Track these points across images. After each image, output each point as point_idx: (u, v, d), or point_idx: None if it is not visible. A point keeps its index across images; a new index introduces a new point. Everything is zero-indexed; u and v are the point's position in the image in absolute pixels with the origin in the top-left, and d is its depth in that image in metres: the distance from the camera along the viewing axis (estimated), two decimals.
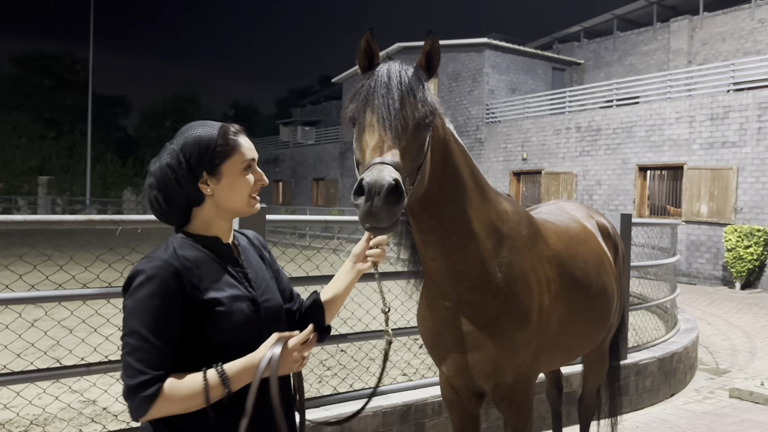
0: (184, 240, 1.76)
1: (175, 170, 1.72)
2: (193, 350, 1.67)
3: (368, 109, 1.88)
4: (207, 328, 1.67)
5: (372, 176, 1.70)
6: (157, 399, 1.56)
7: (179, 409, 1.60)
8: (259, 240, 2.01)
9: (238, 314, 1.71)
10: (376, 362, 5.91)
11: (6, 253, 3.90)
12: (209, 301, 1.68)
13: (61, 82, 51.06)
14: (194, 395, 1.59)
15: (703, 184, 16.77)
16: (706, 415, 5.50)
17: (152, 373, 1.57)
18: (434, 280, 2.38)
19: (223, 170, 1.75)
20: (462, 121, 25.95)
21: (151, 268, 1.63)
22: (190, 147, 1.74)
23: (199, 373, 1.61)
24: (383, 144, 1.81)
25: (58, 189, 39.39)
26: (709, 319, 11.11)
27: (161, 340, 1.59)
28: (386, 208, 1.68)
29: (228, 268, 1.77)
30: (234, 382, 1.62)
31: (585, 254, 2.96)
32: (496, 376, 2.44)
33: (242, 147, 1.78)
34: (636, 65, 26.61)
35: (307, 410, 3.84)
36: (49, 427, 4.55)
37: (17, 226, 3.24)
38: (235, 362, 1.63)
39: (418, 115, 1.88)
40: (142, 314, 1.59)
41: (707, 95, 17.30)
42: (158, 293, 1.60)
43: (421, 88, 1.93)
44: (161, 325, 1.60)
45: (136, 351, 1.58)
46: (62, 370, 3.49)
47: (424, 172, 1.98)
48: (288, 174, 39.63)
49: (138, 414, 1.58)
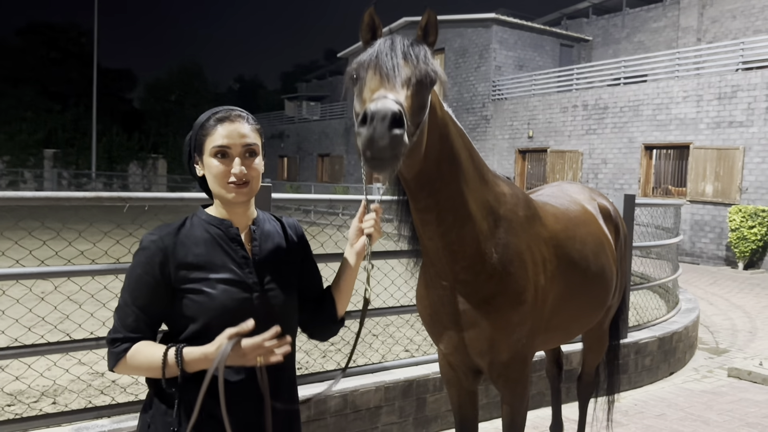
0: (199, 218, 1.87)
1: (187, 146, 1.92)
2: (180, 324, 1.80)
3: (371, 66, 1.89)
4: (185, 306, 1.77)
5: (376, 105, 1.68)
6: (122, 359, 1.75)
7: (140, 373, 1.77)
8: (294, 229, 2.03)
9: (222, 297, 1.77)
10: (379, 338, 6.00)
11: (16, 229, 3.96)
12: (194, 279, 1.77)
13: (67, 54, 50.82)
14: (152, 367, 1.73)
15: (709, 163, 16.71)
16: (704, 394, 5.58)
17: (125, 333, 1.76)
18: (431, 260, 2.43)
19: (203, 151, 1.84)
20: (468, 98, 25.81)
21: (147, 241, 1.80)
22: (193, 128, 1.89)
23: (162, 349, 1.72)
24: (387, 84, 1.82)
25: (64, 162, 39.43)
26: (710, 298, 11.17)
27: (137, 307, 1.77)
28: (389, 134, 1.66)
29: (229, 252, 1.83)
30: (188, 366, 1.71)
31: (583, 236, 3.00)
32: (491, 354, 2.50)
33: (214, 133, 1.82)
34: (645, 42, 26.34)
35: (311, 384, 3.93)
36: (59, 398, 4.66)
37: (26, 203, 3.29)
38: (194, 348, 1.71)
39: (420, 73, 1.89)
40: (129, 279, 1.79)
41: (715, 74, 17.16)
42: (143, 264, 1.77)
43: (423, 52, 1.95)
44: (138, 293, 1.77)
45: (119, 309, 1.79)
46: (72, 343, 3.57)
47: (421, 140, 1.98)
48: (293, 150, 39.59)
49: (109, 364, 1.79)
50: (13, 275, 3.37)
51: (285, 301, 1.89)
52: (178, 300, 1.77)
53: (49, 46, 50.43)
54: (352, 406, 4.06)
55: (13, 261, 3.57)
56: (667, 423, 4.83)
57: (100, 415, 3.39)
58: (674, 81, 17.99)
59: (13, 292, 3.90)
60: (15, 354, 3.36)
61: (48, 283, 6.23)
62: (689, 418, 4.94)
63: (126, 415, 3.40)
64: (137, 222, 3.88)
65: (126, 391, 4.44)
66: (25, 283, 3.85)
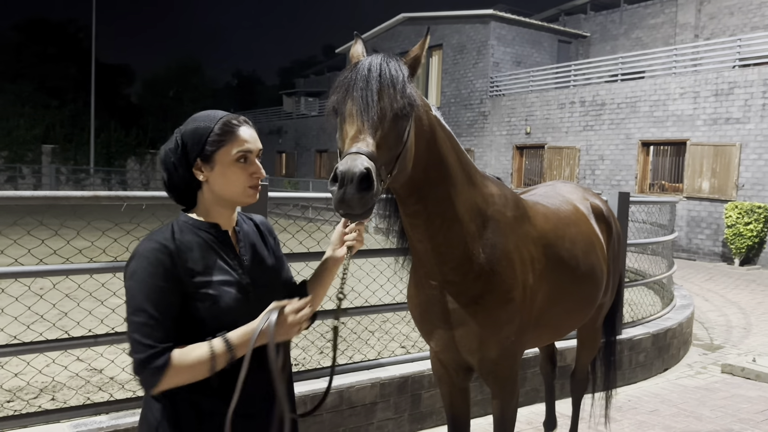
0: (185, 223, 1.86)
1: (172, 154, 1.85)
2: (186, 332, 1.76)
3: (348, 99, 1.95)
4: (195, 310, 1.76)
5: (345, 165, 1.78)
6: (167, 369, 1.67)
7: (187, 378, 1.71)
8: (266, 226, 2.07)
9: (226, 299, 1.79)
10: (375, 335, 6.04)
11: (15, 227, 3.99)
12: (199, 284, 1.77)
13: (64, 50, 50.77)
14: (201, 363, 1.70)
15: (706, 160, 16.76)
16: (697, 390, 5.63)
17: (160, 345, 1.68)
18: (421, 261, 2.48)
19: (216, 158, 1.82)
20: (466, 94, 25.82)
21: (149, 250, 1.75)
22: (189, 133, 1.85)
23: (205, 343, 1.72)
24: (360, 134, 1.88)
25: (62, 158, 39.37)
26: (706, 295, 11.23)
27: (164, 315, 1.70)
28: (358, 195, 1.77)
29: (222, 254, 1.85)
30: (238, 350, 1.72)
31: (573, 235, 3.04)
32: (481, 351, 2.55)
33: (238, 137, 1.83)
34: (642, 39, 26.34)
35: (308, 381, 3.98)
36: (58, 394, 4.69)
37: (24, 202, 3.33)
38: (236, 330, 1.74)
39: (396, 106, 1.94)
40: (145, 293, 1.70)
41: (712, 71, 17.19)
42: (156, 273, 1.72)
43: (400, 80, 1.98)
44: (162, 301, 1.71)
45: (142, 327, 1.68)
46: (70, 340, 3.61)
47: (405, 160, 2.05)
48: (291, 145, 39.57)
49: (150, 385, 1.69)
50: (12, 273, 3.41)
51: (276, 298, 1.91)
52: (186, 305, 1.76)
53: (46, 42, 50.38)
54: (347, 402, 4.10)
55: (12, 259, 3.60)
56: (660, 419, 4.88)
57: (98, 412, 3.43)
58: (671, 77, 18.02)
59: (12, 290, 3.93)
60: (14, 351, 3.39)
61: (46, 280, 6.27)
62: (682, 414, 4.99)
63: (124, 412, 3.44)
64: (135, 220, 3.91)
65: (124, 387, 4.47)
66: (24, 281, 3.88)
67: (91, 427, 3.25)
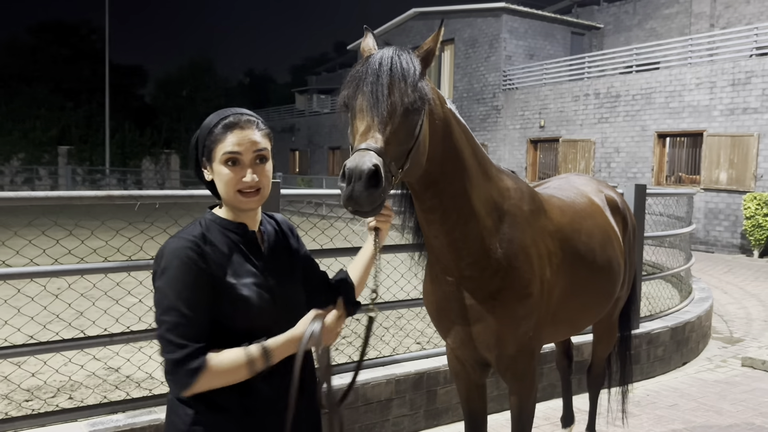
0: (212, 222, 1.83)
1: (191, 151, 1.88)
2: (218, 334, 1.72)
3: (359, 95, 1.93)
4: (227, 310, 1.73)
5: (353, 162, 1.78)
6: (204, 370, 1.62)
7: (221, 381, 1.66)
8: (287, 225, 2.04)
9: (256, 300, 1.76)
10: (390, 331, 6.02)
11: (29, 227, 4.02)
12: (229, 284, 1.74)
13: (78, 52, 51.21)
14: (238, 368, 1.66)
15: (723, 151, 16.55)
16: (717, 384, 5.56)
17: (194, 345, 1.63)
18: (437, 256, 2.45)
19: (212, 157, 1.79)
20: (478, 89, 25.70)
21: (179, 248, 1.70)
22: (199, 131, 1.85)
23: (242, 347, 1.69)
24: (369, 130, 1.87)
25: (78, 159, 39.72)
26: (725, 287, 11.10)
27: (197, 314, 1.66)
28: (366, 192, 1.76)
29: (249, 255, 1.82)
30: (275, 356, 1.71)
31: (590, 228, 3.00)
32: (498, 347, 2.52)
33: (225, 139, 1.76)
34: (657, 29, 26.06)
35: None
36: (75, 393, 4.73)
37: (39, 203, 3.34)
38: (276, 337, 1.73)
39: (406, 101, 1.92)
40: (177, 291, 1.66)
41: (729, 60, 16.97)
42: (188, 270, 1.67)
43: (411, 74, 1.95)
44: (195, 299, 1.67)
45: (176, 327, 1.64)
46: (86, 340, 3.63)
47: (418, 154, 2.02)
48: (304, 143, 39.63)
49: (183, 387, 1.63)
50: (28, 274, 3.43)
51: (297, 297, 1.92)
52: (218, 306, 1.72)
53: (60, 44, 50.86)
54: (363, 398, 4.09)
55: (27, 260, 3.62)
56: (680, 413, 4.82)
57: (115, 410, 3.44)
58: (687, 68, 17.81)
59: (28, 290, 3.96)
60: (31, 351, 3.41)
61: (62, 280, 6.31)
62: (702, 408, 4.93)
63: (140, 410, 3.45)
64: (148, 220, 3.92)
65: (140, 386, 4.49)
66: (39, 281, 3.90)
67: (107, 426, 3.26)
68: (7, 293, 4.15)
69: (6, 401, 4.50)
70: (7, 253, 4.05)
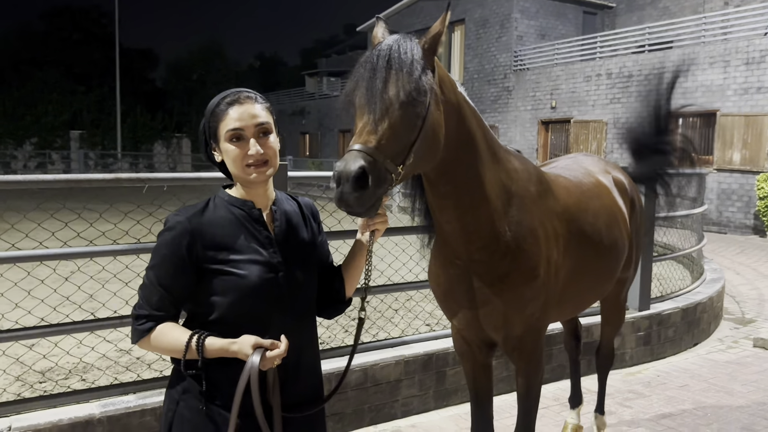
0: (221, 199, 1.89)
1: (200, 135, 1.94)
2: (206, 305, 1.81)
3: (357, 91, 1.93)
4: (216, 285, 1.79)
5: (341, 165, 1.78)
6: (146, 335, 1.80)
7: (161, 353, 1.83)
8: (310, 209, 2.07)
9: (252, 276, 1.80)
10: (399, 313, 6.04)
11: (38, 211, 4.04)
12: (223, 260, 1.80)
13: (89, 36, 51.23)
14: (174, 350, 1.78)
15: (737, 131, 16.35)
16: (728, 365, 5.53)
17: (149, 310, 1.80)
18: (446, 240, 2.44)
19: (218, 136, 1.85)
20: (489, 69, 25.48)
21: (174, 221, 1.82)
22: (204, 115, 1.89)
23: (186, 333, 1.76)
24: (364, 129, 1.86)
25: (90, 143, 39.87)
26: (737, 268, 11.02)
27: (162, 286, 1.80)
28: (355, 195, 1.77)
29: (254, 232, 1.86)
30: (207, 353, 1.76)
31: (596, 209, 2.98)
32: (506, 328, 2.53)
33: (227, 116, 1.82)
34: (670, 8, 25.63)
35: (334, 359, 3.98)
36: (87, 375, 4.78)
37: (47, 185, 3.36)
38: (216, 340, 1.76)
39: (402, 95, 1.88)
40: (155, 259, 1.82)
41: (743, 39, 16.70)
42: (169, 244, 1.80)
43: (408, 64, 1.91)
44: (164, 273, 1.80)
45: (144, 287, 1.83)
46: (97, 322, 3.66)
47: (424, 147, 1.98)
48: (314, 126, 39.54)
49: (132, 339, 1.85)
50: (38, 256, 3.45)
51: (306, 280, 1.93)
52: (206, 280, 1.80)
53: (71, 29, 50.86)
54: (372, 379, 4.11)
55: (37, 243, 3.65)
56: (690, 394, 4.81)
57: (126, 392, 3.48)
58: (700, 47, 17.55)
59: (38, 273, 3.99)
60: (42, 333, 3.45)
61: (72, 263, 6.36)
62: (713, 389, 4.91)
63: (151, 391, 3.49)
64: (156, 202, 3.93)
65: (151, 367, 4.53)
66: (49, 264, 3.93)
67: (119, 407, 3.30)
68: (18, 276, 4.19)
69: (19, 383, 4.56)
70: (17, 236, 4.08)
